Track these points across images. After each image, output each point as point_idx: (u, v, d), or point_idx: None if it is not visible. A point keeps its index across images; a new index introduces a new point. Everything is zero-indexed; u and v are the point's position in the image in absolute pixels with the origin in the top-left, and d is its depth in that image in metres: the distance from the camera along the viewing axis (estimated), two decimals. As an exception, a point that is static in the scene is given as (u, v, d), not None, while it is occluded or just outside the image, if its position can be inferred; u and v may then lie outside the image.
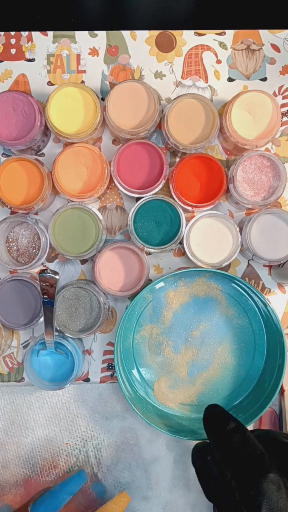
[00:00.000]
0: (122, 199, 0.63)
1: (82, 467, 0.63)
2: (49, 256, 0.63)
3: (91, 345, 0.63)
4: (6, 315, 0.59)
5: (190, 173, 0.59)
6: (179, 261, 0.63)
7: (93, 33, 0.62)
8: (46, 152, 0.62)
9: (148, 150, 0.58)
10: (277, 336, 0.58)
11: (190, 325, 0.62)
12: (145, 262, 0.58)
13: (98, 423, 0.64)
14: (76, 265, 0.63)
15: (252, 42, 0.62)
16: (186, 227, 0.58)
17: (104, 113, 0.57)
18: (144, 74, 0.62)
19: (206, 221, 0.59)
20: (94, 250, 0.58)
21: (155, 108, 0.56)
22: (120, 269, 0.59)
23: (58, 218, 0.58)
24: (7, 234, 0.61)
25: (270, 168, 0.58)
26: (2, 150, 0.63)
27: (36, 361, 0.60)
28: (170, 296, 0.62)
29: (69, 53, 0.63)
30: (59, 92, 0.57)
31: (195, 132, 0.57)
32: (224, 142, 0.61)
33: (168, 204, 0.58)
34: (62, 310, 0.59)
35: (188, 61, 0.62)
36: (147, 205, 0.58)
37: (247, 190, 0.58)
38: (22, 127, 0.57)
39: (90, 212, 0.58)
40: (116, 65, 0.63)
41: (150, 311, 0.62)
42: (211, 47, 0.62)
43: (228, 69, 0.62)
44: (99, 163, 0.58)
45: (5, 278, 0.58)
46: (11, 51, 0.62)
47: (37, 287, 0.58)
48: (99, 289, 0.59)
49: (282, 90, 0.62)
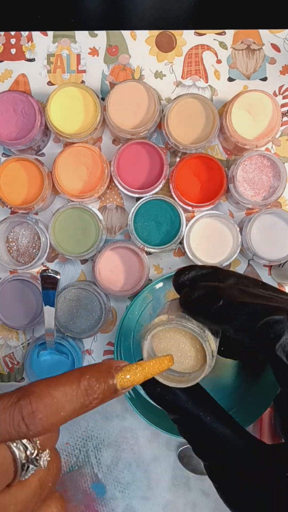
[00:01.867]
0: (122, 199, 0.63)
1: (82, 467, 0.63)
2: (49, 256, 0.63)
3: (91, 345, 0.63)
4: (7, 315, 0.59)
5: (190, 173, 0.59)
6: (179, 261, 0.63)
7: (93, 33, 0.62)
8: (46, 152, 0.62)
9: (148, 150, 0.58)
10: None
11: (190, 325, 0.62)
12: (145, 262, 0.58)
13: (98, 423, 0.64)
14: (76, 265, 0.63)
15: (252, 42, 0.62)
16: (186, 227, 0.58)
17: (104, 113, 0.57)
18: (144, 74, 0.62)
19: (206, 221, 0.59)
20: (94, 250, 0.58)
21: (155, 108, 0.56)
22: (120, 269, 0.59)
23: (58, 218, 0.58)
24: (7, 234, 0.61)
25: (270, 168, 0.58)
26: (2, 150, 0.63)
27: (36, 361, 0.60)
28: (170, 296, 0.62)
29: (69, 53, 0.62)
30: (59, 92, 0.57)
31: (195, 132, 0.57)
32: (224, 142, 0.61)
33: (168, 204, 0.58)
34: (63, 311, 0.59)
35: (188, 61, 0.62)
36: (147, 205, 0.58)
37: (247, 190, 0.58)
38: (22, 127, 0.57)
39: (90, 212, 0.58)
40: (116, 65, 0.63)
41: (150, 311, 0.62)
42: (211, 47, 0.62)
43: (228, 69, 0.62)
44: (99, 163, 0.58)
45: (5, 278, 0.58)
46: (11, 51, 0.62)
47: (38, 287, 0.58)
48: (100, 290, 0.59)
49: (282, 90, 0.62)
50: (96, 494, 0.63)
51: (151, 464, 0.63)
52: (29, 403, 0.25)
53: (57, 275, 0.51)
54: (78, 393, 0.26)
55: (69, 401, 0.25)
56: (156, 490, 0.63)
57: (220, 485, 0.29)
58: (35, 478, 0.28)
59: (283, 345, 0.26)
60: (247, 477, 0.28)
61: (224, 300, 0.28)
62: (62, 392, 0.25)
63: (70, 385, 0.25)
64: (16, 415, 0.25)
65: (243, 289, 0.29)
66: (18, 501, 0.27)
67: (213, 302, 0.29)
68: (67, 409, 0.25)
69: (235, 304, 0.28)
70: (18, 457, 0.26)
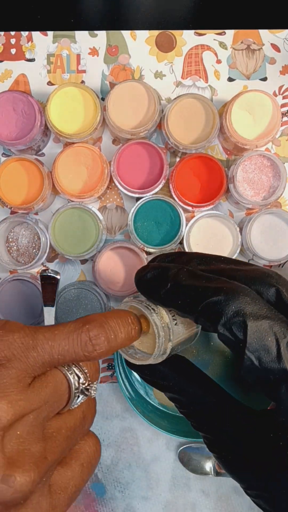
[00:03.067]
0: (122, 199, 0.63)
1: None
2: (49, 256, 0.63)
3: (91, 345, 0.63)
4: (7, 315, 0.59)
5: (190, 173, 0.59)
6: (179, 261, 0.63)
7: (93, 33, 0.62)
8: (46, 152, 0.62)
9: (148, 150, 0.58)
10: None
11: (190, 325, 0.62)
12: (145, 262, 0.58)
13: (98, 423, 0.64)
14: (76, 265, 0.63)
15: (252, 42, 0.62)
16: (186, 227, 0.58)
17: (104, 113, 0.57)
18: (144, 74, 0.62)
19: (206, 221, 0.59)
20: (94, 250, 0.58)
21: (155, 108, 0.56)
22: (120, 269, 0.59)
23: (58, 218, 0.58)
24: (7, 234, 0.61)
25: (270, 168, 0.58)
26: (2, 150, 0.63)
27: (36, 361, 0.60)
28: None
29: (69, 53, 0.63)
30: (59, 92, 0.57)
31: (195, 132, 0.57)
32: (224, 142, 0.61)
33: (168, 204, 0.58)
34: (63, 311, 0.59)
35: (188, 61, 0.62)
36: (147, 205, 0.58)
37: (247, 190, 0.58)
38: (22, 127, 0.57)
39: (90, 212, 0.58)
40: (116, 65, 0.63)
41: (150, 311, 0.62)
42: (211, 47, 0.62)
43: (228, 69, 0.62)
44: (99, 163, 0.58)
45: (5, 278, 0.58)
46: (11, 51, 0.62)
47: (38, 287, 0.58)
48: (100, 291, 0.59)
49: (282, 90, 0.62)
50: (96, 494, 0.63)
51: (151, 464, 0.63)
52: (94, 327, 0.29)
53: (57, 275, 0.52)
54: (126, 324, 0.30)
55: (121, 330, 0.30)
56: (156, 490, 0.63)
57: (219, 454, 0.32)
58: (80, 410, 0.32)
59: (225, 324, 0.28)
60: (242, 444, 0.30)
61: (171, 283, 0.31)
62: (115, 323, 0.30)
63: (120, 317, 0.30)
64: (84, 336, 0.28)
65: (192, 271, 0.31)
66: (68, 427, 0.30)
67: (161, 285, 0.31)
68: (119, 336, 0.30)
69: (181, 287, 0.30)
70: (73, 385, 0.30)
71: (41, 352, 0.28)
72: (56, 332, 0.28)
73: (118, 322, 0.30)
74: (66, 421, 0.30)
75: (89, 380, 0.31)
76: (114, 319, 0.30)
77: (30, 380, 0.28)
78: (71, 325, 0.29)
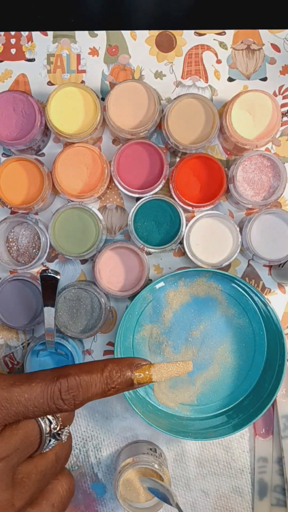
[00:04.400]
0: (122, 199, 0.63)
1: (82, 467, 0.63)
2: (49, 256, 0.63)
3: (91, 345, 0.63)
4: (7, 315, 0.59)
5: (190, 173, 0.59)
6: (179, 261, 0.63)
7: (93, 33, 0.62)
8: (46, 152, 0.62)
9: (148, 150, 0.58)
10: (277, 336, 0.58)
11: (190, 325, 0.62)
12: (145, 262, 0.58)
13: (98, 423, 0.64)
14: (76, 265, 0.63)
15: (252, 42, 0.62)
16: (186, 227, 0.58)
17: (104, 113, 0.57)
18: (144, 74, 0.62)
19: (206, 221, 0.59)
20: (94, 250, 0.58)
21: (155, 108, 0.56)
22: (120, 269, 0.59)
23: (58, 218, 0.58)
24: (7, 234, 0.61)
25: (270, 168, 0.58)
26: (2, 150, 0.63)
27: (36, 362, 0.60)
28: (170, 296, 0.62)
29: (69, 53, 0.63)
30: (59, 92, 0.57)
31: (195, 132, 0.57)
32: (224, 142, 0.61)
33: (168, 204, 0.58)
34: (63, 311, 0.59)
35: (188, 61, 0.62)
36: (147, 205, 0.58)
37: (247, 190, 0.58)
38: (22, 127, 0.57)
39: (90, 212, 0.58)
40: (116, 65, 0.63)
41: (150, 311, 0.62)
42: (211, 47, 0.62)
43: (228, 69, 0.62)
44: (99, 163, 0.58)
45: (5, 278, 0.58)
46: (11, 51, 0.62)
47: (38, 287, 0.58)
48: (100, 290, 0.59)
49: (282, 90, 0.62)
50: (96, 494, 0.63)
51: (151, 464, 0.63)
52: (66, 382, 0.29)
53: (57, 275, 0.51)
54: (101, 380, 0.30)
55: (94, 386, 0.30)
56: (156, 490, 0.63)
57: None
58: (52, 452, 0.32)
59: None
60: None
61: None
62: (89, 377, 0.30)
63: (96, 372, 0.30)
64: (56, 391, 0.29)
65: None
66: (39, 470, 0.31)
67: None
68: (91, 391, 0.30)
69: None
70: (44, 430, 0.31)
71: (16, 405, 0.29)
72: (33, 384, 0.29)
73: (91, 377, 0.30)
74: (37, 465, 0.31)
75: (61, 425, 0.32)
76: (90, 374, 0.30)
77: (0, 429, 0.29)
78: (45, 377, 0.30)
